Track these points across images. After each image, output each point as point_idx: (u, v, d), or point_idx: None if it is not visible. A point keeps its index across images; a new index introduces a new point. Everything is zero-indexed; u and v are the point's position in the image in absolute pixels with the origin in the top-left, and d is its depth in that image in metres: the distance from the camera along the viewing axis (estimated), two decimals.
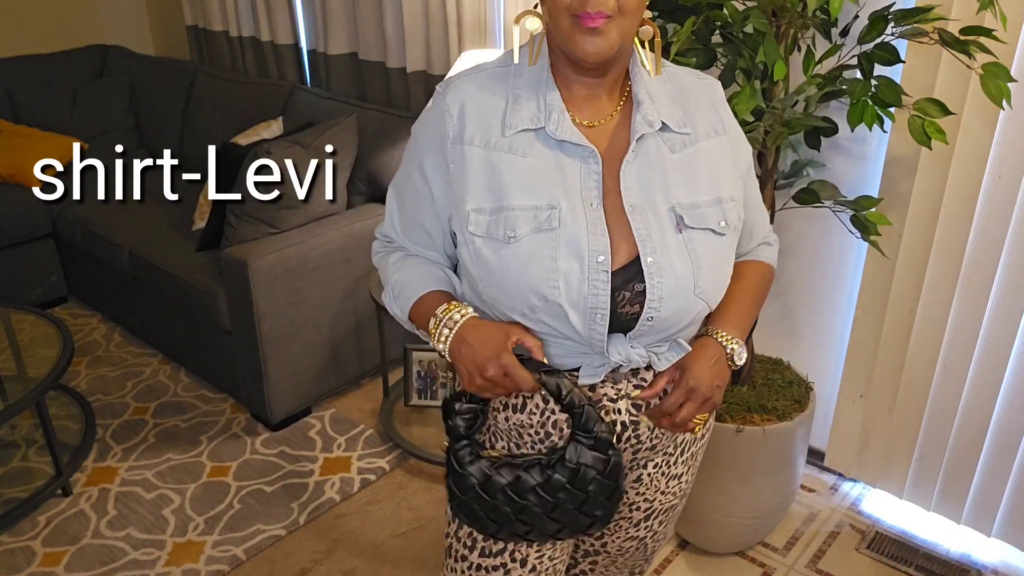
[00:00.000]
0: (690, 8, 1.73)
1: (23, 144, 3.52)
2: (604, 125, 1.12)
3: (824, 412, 2.44)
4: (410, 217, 1.20)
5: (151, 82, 3.85)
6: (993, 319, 2.02)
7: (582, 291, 1.06)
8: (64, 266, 3.57)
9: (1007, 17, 1.67)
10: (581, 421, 1.10)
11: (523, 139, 1.09)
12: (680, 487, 1.32)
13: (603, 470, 1.12)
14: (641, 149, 1.10)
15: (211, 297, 2.68)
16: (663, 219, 1.09)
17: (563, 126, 1.08)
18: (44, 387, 2.31)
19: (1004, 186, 1.91)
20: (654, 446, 1.22)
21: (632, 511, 1.31)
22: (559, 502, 1.14)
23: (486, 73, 1.14)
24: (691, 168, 1.12)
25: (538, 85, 1.10)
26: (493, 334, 1.09)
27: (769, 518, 2.14)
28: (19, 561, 2.24)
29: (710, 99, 1.17)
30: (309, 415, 2.82)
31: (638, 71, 1.13)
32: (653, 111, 1.11)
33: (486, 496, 1.15)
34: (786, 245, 2.36)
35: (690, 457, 1.31)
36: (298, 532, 2.33)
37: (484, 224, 1.08)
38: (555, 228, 1.06)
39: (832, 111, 2.01)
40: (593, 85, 1.11)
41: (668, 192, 1.10)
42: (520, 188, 1.07)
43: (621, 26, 1.02)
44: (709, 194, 1.12)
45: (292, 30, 3.51)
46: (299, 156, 2.59)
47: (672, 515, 1.37)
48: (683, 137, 1.13)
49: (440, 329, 1.11)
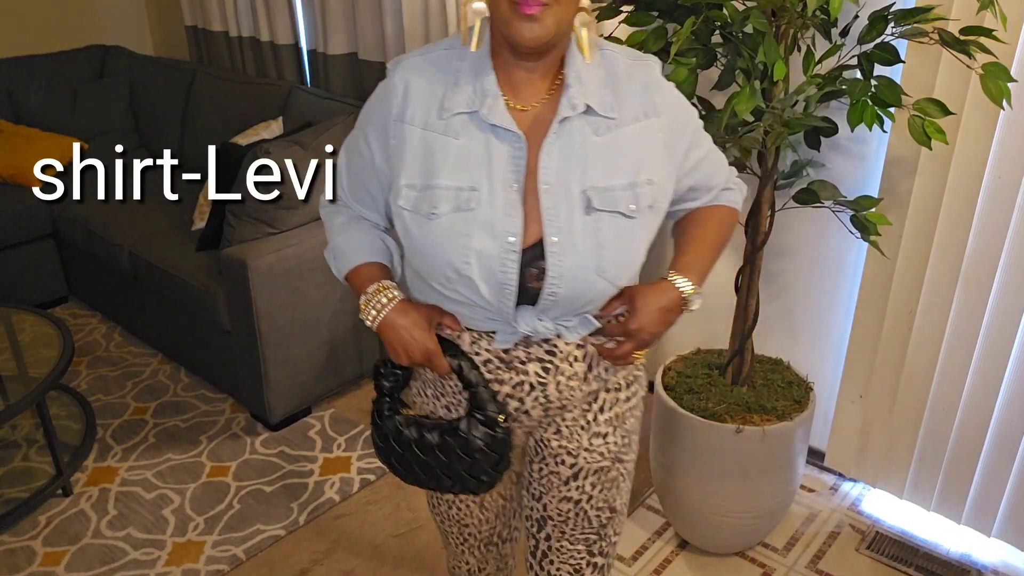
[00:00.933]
0: (690, 8, 1.72)
1: (23, 144, 3.52)
2: (536, 108, 1.18)
3: (824, 412, 2.44)
4: (356, 179, 1.30)
5: (151, 82, 3.85)
6: (993, 319, 2.02)
7: (492, 267, 1.15)
8: (64, 266, 3.57)
9: (1007, 17, 1.67)
10: (476, 400, 1.26)
11: (458, 121, 1.16)
12: (607, 448, 1.38)
13: (489, 443, 1.27)
14: (564, 131, 1.16)
15: (211, 297, 2.68)
16: (574, 200, 1.15)
17: (495, 111, 1.15)
18: (44, 387, 2.31)
19: (1004, 186, 1.91)
20: (563, 406, 1.31)
21: (558, 465, 1.38)
22: (451, 462, 1.29)
23: (433, 55, 1.21)
24: (613, 151, 1.17)
25: (477, 69, 1.17)
26: (419, 324, 1.23)
27: (769, 518, 2.14)
28: (20, 561, 2.24)
29: (644, 82, 1.20)
30: (309, 415, 2.82)
31: (573, 55, 1.17)
32: (580, 94, 1.15)
33: (397, 447, 1.32)
34: (786, 245, 2.36)
35: (615, 417, 1.36)
36: (298, 532, 2.33)
37: (413, 199, 1.17)
38: (473, 209, 1.14)
39: (832, 111, 2.01)
40: (530, 68, 1.17)
41: (585, 174, 1.16)
42: (448, 169, 1.16)
43: (557, 13, 1.08)
44: (626, 178, 1.17)
45: (292, 30, 3.51)
46: (299, 156, 2.59)
47: (607, 481, 1.40)
48: (608, 121, 1.17)
49: (368, 309, 1.25)
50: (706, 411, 2.02)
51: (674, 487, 2.13)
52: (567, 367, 1.27)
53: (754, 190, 1.99)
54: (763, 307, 2.41)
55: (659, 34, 1.77)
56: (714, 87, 1.89)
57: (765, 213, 1.95)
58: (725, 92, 1.89)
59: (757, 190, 1.95)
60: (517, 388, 1.27)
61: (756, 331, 2.09)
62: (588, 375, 1.30)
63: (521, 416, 1.31)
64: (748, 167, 1.97)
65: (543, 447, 1.38)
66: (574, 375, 1.28)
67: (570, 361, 1.27)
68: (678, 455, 2.07)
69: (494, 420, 1.26)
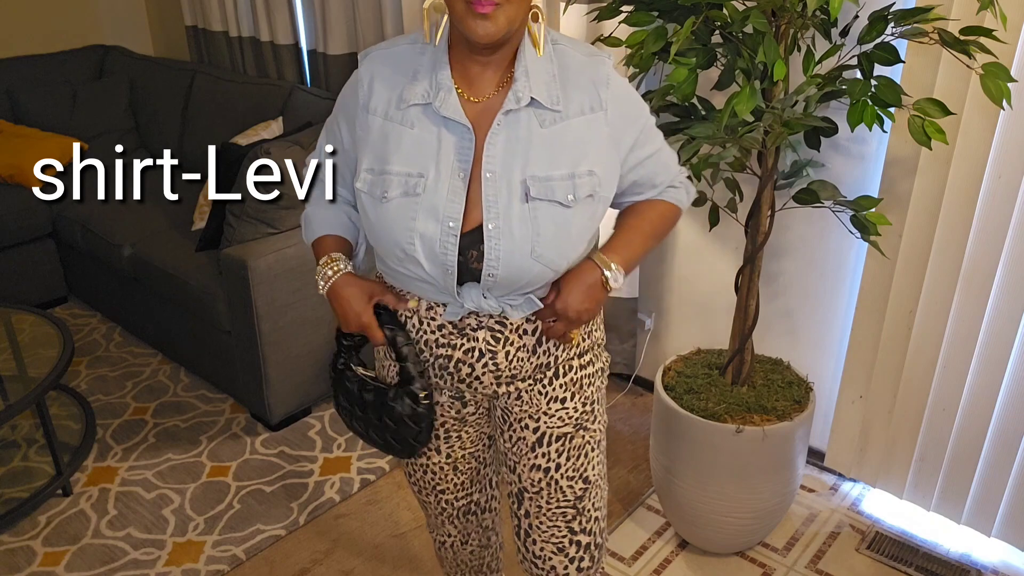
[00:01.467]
0: (690, 8, 1.72)
1: (23, 144, 3.52)
2: (487, 100, 1.26)
3: (824, 412, 2.44)
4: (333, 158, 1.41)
5: (151, 82, 3.85)
6: (993, 319, 2.02)
7: (434, 249, 1.25)
8: (64, 266, 3.57)
9: (1007, 17, 1.67)
10: (403, 374, 1.36)
11: (414, 112, 1.25)
12: (567, 413, 1.44)
13: (410, 415, 1.37)
14: (509, 123, 1.24)
15: (211, 297, 2.68)
16: (514, 189, 1.23)
17: (448, 103, 1.23)
18: (44, 387, 2.31)
19: (1004, 186, 1.91)
20: (514, 375, 1.39)
21: (523, 430, 1.46)
22: (380, 425, 1.42)
23: (397, 49, 1.30)
24: (556, 143, 1.24)
25: (435, 64, 1.26)
26: (357, 296, 1.35)
27: (769, 518, 2.14)
28: (19, 561, 2.24)
29: (592, 77, 1.27)
30: (309, 415, 2.82)
31: (525, 50, 1.25)
32: (526, 88, 1.23)
33: (345, 401, 1.46)
34: (786, 245, 2.36)
35: (570, 383, 1.43)
36: (298, 532, 2.33)
37: (368, 182, 1.27)
38: (419, 194, 1.24)
39: (832, 111, 2.01)
40: (484, 63, 1.25)
41: (527, 164, 1.23)
42: (401, 156, 1.25)
43: (508, 12, 1.15)
44: (565, 168, 1.24)
45: (292, 30, 3.51)
46: (299, 156, 2.59)
47: (572, 449, 1.46)
48: (553, 114, 1.24)
49: (318, 279, 1.38)
50: (706, 411, 2.02)
51: (674, 487, 2.13)
52: (516, 339, 1.35)
53: (754, 190, 1.99)
54: (763, 307, 2.41)
55: (659, 34, 1.76)
56: (714, 87, 1.89)
57: (765, 213, 1.95)
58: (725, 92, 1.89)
59: (757, 190, 1.95)
60: (468, 354, 1.35)
61: (756, 331, 2.09)
62: (537, 349, 1.38)
63: (474, 382, 1.39)
64: (748, 167, 1.97)
65: (508, 415, 1.46)
66: (522, 347, 1.36)
67: (519, 334, 1.36)
68: (678, 455, 2.07)
69: (416, 395, 1.36)
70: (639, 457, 2.60)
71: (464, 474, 1.59)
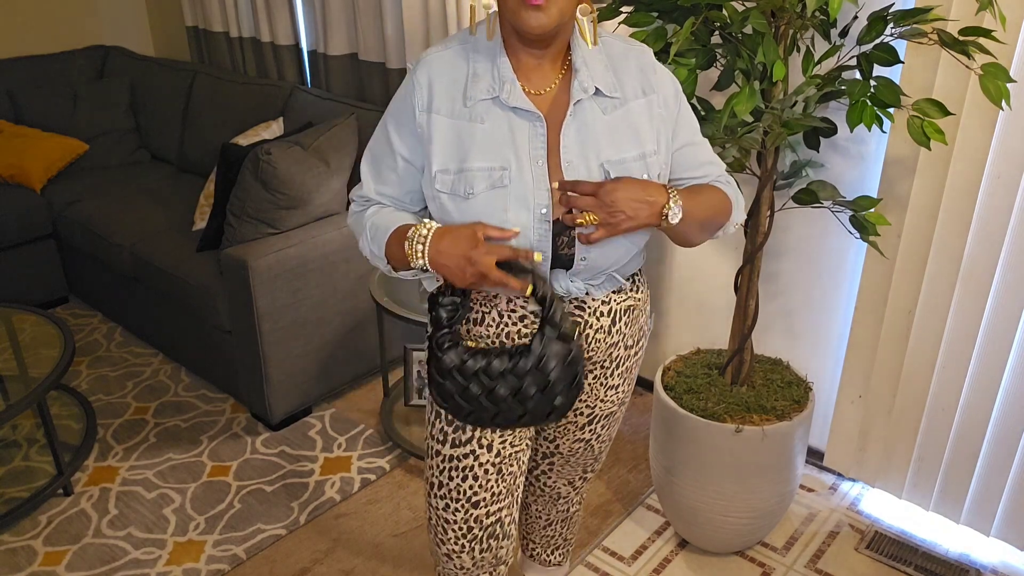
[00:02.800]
0: (689, 8, 1.73)
1: (24, 145, 3.52)
2: (548, 93, 1.30)
3: (823, 412, 2.45)
4: (384, 177, 1.39)
5: (151, 83, 3.85)
6: (992, 319, 2.02)
7: (529, 237, 1.27)
8: (65, 266, 3.57)
9: (1006, 17, 1.68)
10: (549, 313, 1.27)
11: (482, 107, 1.28)
12: (618, 396, 1.57)
13: (565, 358, 1.30)
14: (578, 112, 1.29)
15: (211, 297, 2.69)
16: (594, 173, 1.28)
17: (514, 94, 1.27)
18: (45, 387, 2.31)
19: (1003, 186, 1.91)
20: (589, 357, 1.44)
21: (576, 416, 1.55)
22: (523, 386, 1.31)
23: (451, 51, 1.32)
24: (620, 128, 1.30)
25: (493, 59, 1.29)
26: (462, 234, 1.23)
27: (768, 518, 2.14)
28: (20, 560, 2.24)
29: (639, 64, 1.34)
30: (309, 415, 2.83)
31: (577, 42, 1.30)
32: (588, 78, 1.29)
33: (461, 379, 1.32)
34: (786, 245, 2.37)
35: (625, 371, 1.54)
36: (298, 532, 2.33)
37: (449, 183, 1.28)
38: (506, 185, 1.26)
39: (831, 111, 2.01)
40: (539, 55, 1.29)
41: (599, 150, 1.28)
42: (478, 151, 1.27)
43: (560, 3, 1.19)
44: (635, 150, 1.30)
45: (292, 31, 3.51)
46: (299, 156, 2.60)
47: (613, 420, 1.62)
48: (613, 100, 1.31)
49: (415, 247, 1.26)
50: (706, 411, 2.02)
51: (674, 487, 2.13)
52: (594, 320, 1.41)
53: (754, 190, 1.99)
54: (763, 307, 2.41)
55: (659, 34, 1.77)
56: (714, 87, 1.90)
57: (765, 213, 1.95)
58: (725, 92, 1.89)
59: (757, 190, 1.95)
60: None
61: (756, 331, 2.10)
62: (612, 329, 1.44)
63: None
64: (748, 167, 1.98)
65: None
66: (600, 328, 1.42)
67: (597, 316, 1.41)
68: (678, 455, 2.08)
69: (569, 335, 1.29)
70: (639, 457, 2.61)
71: (505, 480, 1.49)
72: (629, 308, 1.46)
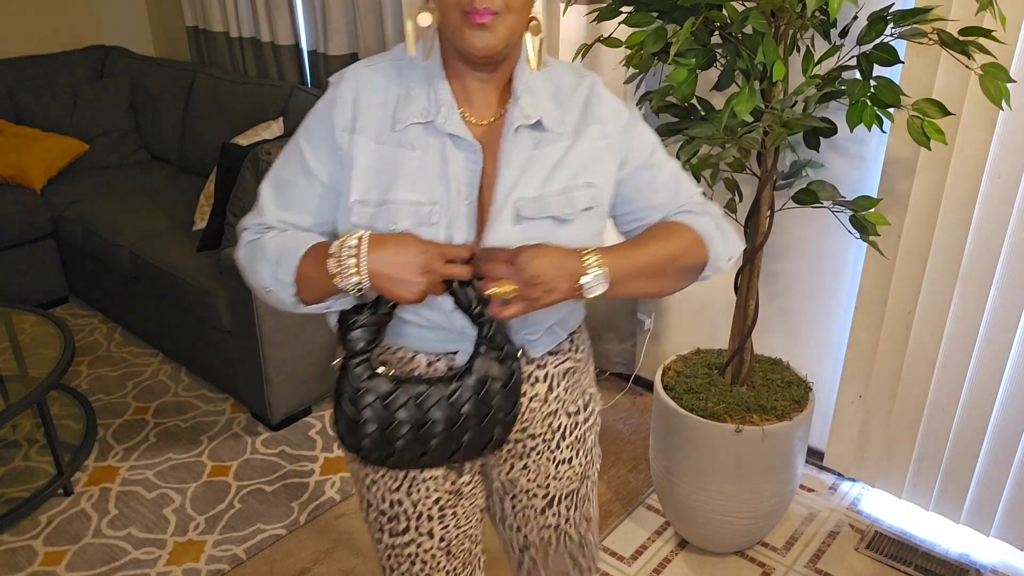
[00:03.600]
0: (689, 9, 1.73)
1: (24, 145, 3.52)
2: (490, 123, 1.15)
3: (823, 412, 2.45)
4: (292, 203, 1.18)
5: (151, 83, 3.85)
6: (992, 319, 2.02)
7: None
8: (64, 266, 3.57)
9: (1006, 17, 1.68)
10: (489, 332, 1.13)
11: (413, 132, 1.12)
12: (574, 470, 1.36)
13: (508, 382, 1.16)
14: (516, 143, 1.13)
15: (211, 297, 2.69)
16: (508, 211, 1.12)
17: (451, 120, 1.12)
18: (45, 387, 2.31)
19: (1003, 186, 1.91)
20: (524, 428, 1.28)
21: (531, 499, 1.36)
22: (463, 417, 1.15)
23: (381, 67, 1.16)
24: (555, 161, 1.15)
25: (430, 79, 1.13)
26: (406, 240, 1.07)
27: (768, 518, 2.14)
28: (20, 560, 2.24)
29: (586, 95, 1.19)
30: (309, 415, 2.83)
31: (522, 67, 1.15)
32: (531, 105, 1.14)
33: (385, 415, 1.14)
34: (785, 245, 2.37)
35: (576, 441, 1.34)
36: (298, 531, 2.33)
37: (367, 216, 1.11)
38: (435, 223, 1.10)
39: (831, 112, 2.01)
40: (485, 79, 1.14)
41: (526, 185, 1.13)
42: (406, 183, 1.11)
43: (508, 23, 1.05)
44: (562, 183, 1.14)
45: (292, 31, 3.51)
46: None
47: (579, 499, 1.40)
48: (549, 135, 1.15)
49: (344, 262, 1.05)
50: (706, 411, 2.02)
51: (674, 487, 2.13)
52: (528, 388, 1.25)
53: (753, 190, 1.99)
54: (763, 307, 2.41)
55: (659, 34, 1.77)
56: (714, 87, 1.90)
57: (764, 213, 1.95)
58: (724, 92, 1.89)
59: (756, 190, 1.95)
60: None
61: (756, 331, 2.10)
62: (549, 396, 1.27)
63: None
64: (748, 167, 1.98)
65: (512, 486, 1.35)
66: (535, 396, 1.26)
67: (531, 382, 1.25)
68: (678, 455, 2.08)
69: (512, 354, 1.16)
70: (639, 457, 2.61)
71: (457, 558, 1.37)
72: (568, 371, 1.30)
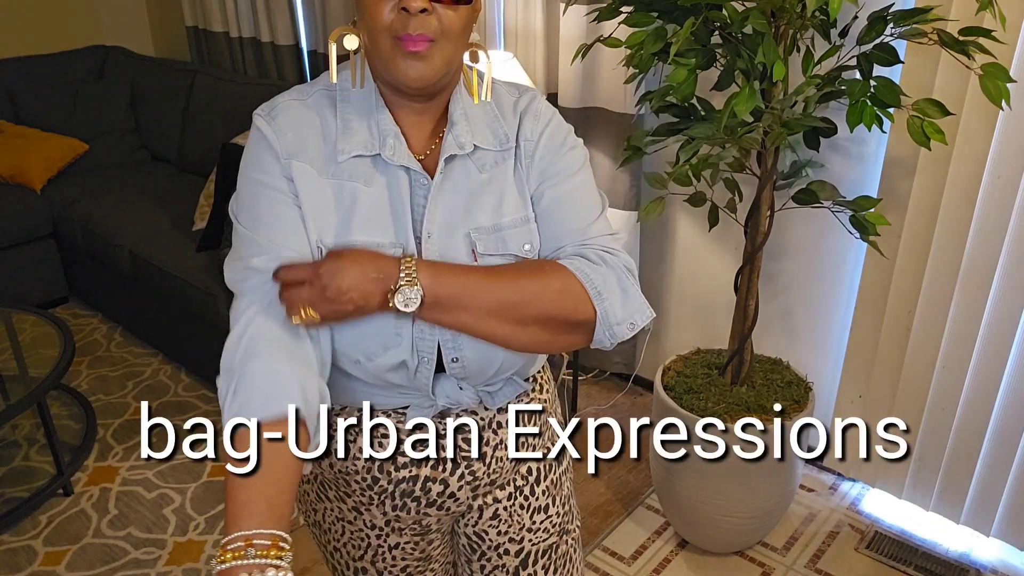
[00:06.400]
0: (689, 9, 1.73)
1: (24, 145, 3.52)
2: (430, 155, 1.04)
3: (823, 412, 2.45)
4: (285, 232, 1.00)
5: (151, 83, 3.85)
6: (992, 319, 2.02)
7: (412, 333, 0.99)
8: (64, 266, 3.57)
9: (1006, 18, 1.67)
10: None
11: (359, 167, 1.00)
12: (551, 522, 1.22)
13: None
14: (449, 172, 1.02)
15: (211, 297, 2.68)
16: (460, 246, 1.01)
17: (399, 152, 1.00)
18: (45, 387, 2.31)
19: (1003, 186, 1.91)
20: (493, 481, 1.15)
21: (502, 557, 1.21)
22: None
23: (312, 96, 1.03)
24: (497, 189, 1.04)
25: (368, 110, 1.01)
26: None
27: (768, 518, 2.14)
28: (20, 560, 2.24)
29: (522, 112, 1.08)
30: None
31: (460, 93, 1.05)
32: (467, 132, 1.02)
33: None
34: (785, 245, 2.37)
35: (552, 486, 1.21)
36: (298, 531, 2.33)
37: None
38: None
39: (831, 111, 2.01)
40: (420, 111, 1.03)
41: (470, 216, 1.02)
42: (362, 222, 0.99)
43: (445, 51, 0.94)
44: (516, 213, 1.03)
45: (292, 31, 3.51)
46: None
47: (560, 558, 1.24)
48: (495, 154, 1.04)
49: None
50: (705, 411, 2.02)
51: (674, 487, 2.13)
52: (491, 435, 1.12)
53: (753, 190, 1.99)
54: (763, 307, 2.41)
55: (659, 35, 1.77)
56: (714, 87, 1.90)
57: (764, 213, 1.95)
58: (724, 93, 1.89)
59: (756, 190, 1.95)
60: (438, 468, 1.09)
61: (756, 331, 2.09)
62: (516, 440, 1.15)
63: (447, 501, 1.12)
64: (748, 167, 1.98)
65: (480, 542, 1.21)
66: (499, 444, 1.12)
67: (494, 428, 1.12)
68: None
69: None
70: (638, 457, 2.61)
71: None
72: (534, 413, 1.18)
